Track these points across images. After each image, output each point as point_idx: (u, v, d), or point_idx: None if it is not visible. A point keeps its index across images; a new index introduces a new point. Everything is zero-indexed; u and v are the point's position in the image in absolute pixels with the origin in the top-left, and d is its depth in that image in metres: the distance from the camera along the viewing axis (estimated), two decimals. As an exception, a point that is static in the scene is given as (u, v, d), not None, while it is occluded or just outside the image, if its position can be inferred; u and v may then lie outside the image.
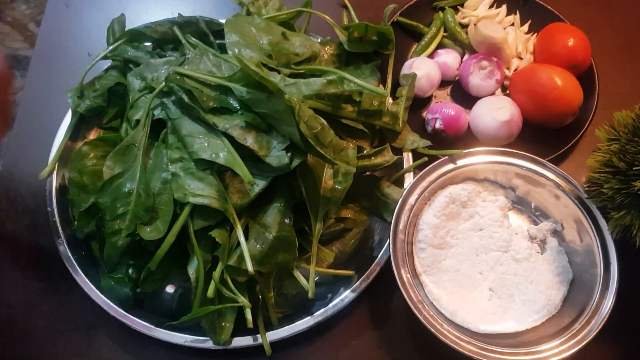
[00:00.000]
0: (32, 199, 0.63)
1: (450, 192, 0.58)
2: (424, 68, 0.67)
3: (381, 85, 0.65)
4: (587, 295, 0.53)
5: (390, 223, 0.55)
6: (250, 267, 0.50)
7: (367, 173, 0.61)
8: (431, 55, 0.72)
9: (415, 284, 0.53)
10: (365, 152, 0.60)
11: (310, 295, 0.53)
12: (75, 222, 0.57)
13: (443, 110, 0.65)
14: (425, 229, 0.57)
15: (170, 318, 0.53)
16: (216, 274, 0.51)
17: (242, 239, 0.51)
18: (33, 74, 0.73)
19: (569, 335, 0.50)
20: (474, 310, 0.55)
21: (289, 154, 0.50)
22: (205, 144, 0.52)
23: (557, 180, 0.58)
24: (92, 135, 0.63)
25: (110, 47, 0.63)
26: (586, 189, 0.55)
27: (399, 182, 0.60)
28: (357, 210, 0.60)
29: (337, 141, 0.51)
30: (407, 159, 0.61)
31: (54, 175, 0.60)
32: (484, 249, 0.58)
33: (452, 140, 0.65)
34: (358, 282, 0.55)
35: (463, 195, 0.59)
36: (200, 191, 0.50)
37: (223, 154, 0.51)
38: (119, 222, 0.52)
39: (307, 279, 0.54)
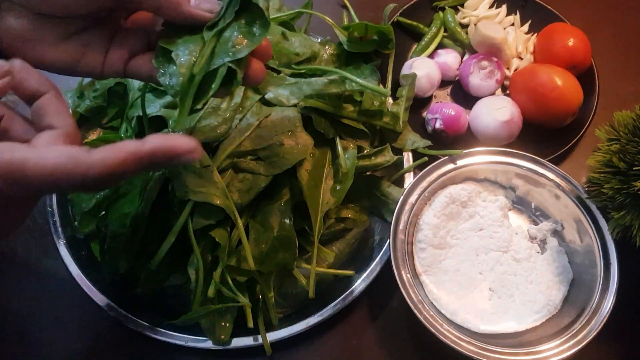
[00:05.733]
0: (32, 199, 0.63)
1: (450, 192, 0.58)
2: (424, 68, 0.67)
3: (381, 85, 0.65)
4: (587, 295, 0.53)
5: (390, 223, 0.55)
6: (251, 263, 0.50)
7: (367, 173, 0.61)
8: (431, 55, 0.72)
9: (415, 284, 0.53)
10: (365, 152, 0.60)
11: (310, 295, 0.53)
12: (76, 223, 0.57)
13: (443, 110, 0.65)
14: (425, 229, 0.57)
15: (170, 318, 0.53)
16: (216, 274, 0.51)
17: (243, 236, 0.51)
18: (33, 73, 0.72)
19: (569, 335, 0.50)
20: (474, 310, 0.55)
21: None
22: None
23: (557, 180, 0.58)
24: (92, 135, 0.63)
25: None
26: (586, 189, 0.55)
27: (399, 182, 0.60)
28: (357, 210, 0.60)
29: None
30: (407, 159, 0.61)
31: (54, 175, 0.60)
32: (484, 249, 0.58)
33: (452, 140, 0.65)
34: (358, 282, 0.55)
35: (463, 195, 0.59)
36: (202, 188, 0.50)
37: None
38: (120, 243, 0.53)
39: (308, 278, 0.54)
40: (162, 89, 0.56)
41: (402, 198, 0.56)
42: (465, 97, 0.70)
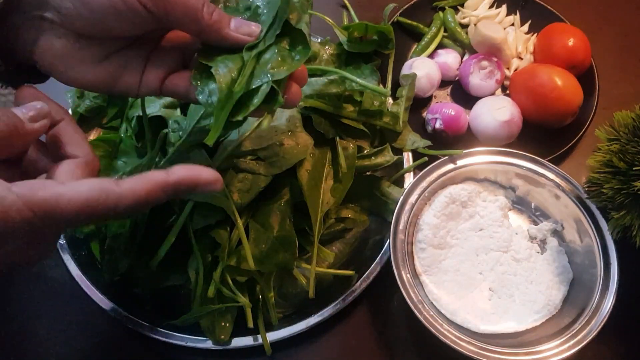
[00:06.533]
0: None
1: (450, 192, 0.58)
2: (424, 68, 0.67)
3: (381, 85, 0.65)
4: (587, 295, 0.53)
5: (390, 223, 0.55)
6: (251, 263, 0.50)
7: (367, 173, 0.61)
8: (431, 55, 0.72)
9: (415, 284, 0.53)
10: (365, 152, 0.60)
11: (310, 295, 0.53)
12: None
13: (443, 110, 0.65)
14: (425, 229, 0.57)
15: (170, 318, 0.53)
16: (216, 274, 0.51)
17: (243, 236, 0.51)
18: (33, 73, 0.72)
19: (569, 335, 0.50)
20: (474, 310, 0.55)
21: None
22: None
23: (557, 180, 0.58)
24: (92, 135, 0.63)
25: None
26: (586, 189, 0.55)
27: (399, 182, 0.60)
28: (357, 210, 0.60)
29: None
30: (407, 159, 0.61)
31: (54, 175, 0.60)
32: (484, 249, 0.58)
33: (452, 140, 0.65)
34: (358, 282, 0.55)
35: (463, 195, 0.59)
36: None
37: None
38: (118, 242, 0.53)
39: (308, 279, 0.54)
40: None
41: (402, 198, 0.56)
42: (465, 97, 0.70)
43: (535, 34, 0.72)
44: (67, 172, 0.34)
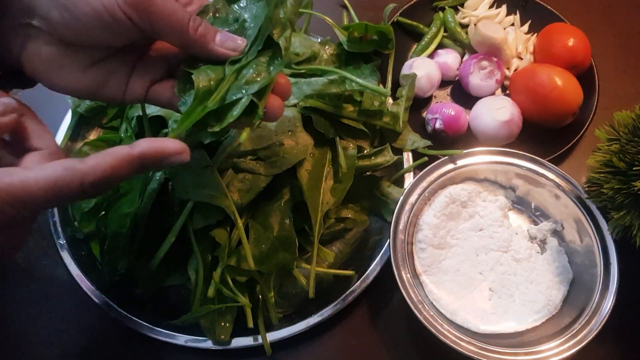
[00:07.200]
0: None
1: (450, 192, 0.58)
2: (424, 68, 0.67)
3: (381, 85, 0.65)
4: (587, 295, 0.53)
5: (390, 223, 0.55)
6: (251, 263, 0.50)
7: (367, 173, 0.61)
8: (431, 55, 0.72)
9: (415, 284, 0.53)
10: (365, 152, 0.60)
11: (310, 295, 0.53)
12: (76, 223, 0.57)
13: (443, 110, 0.65)
14: (425, 229, 0.57)
15: (170, 318, 0.53)
16: (216, 274, 0.51)
17: (243, 236, 0.51)
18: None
19: (569, 335, 0.50)
20: (474, 310, 0.55)
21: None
22: None
23: (557, 180, 0.58)
24: (92, 135, 0.63)
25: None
26: (586, 189, 0.55)
27: (399, 182, 0.60)
28: (357, 210, 0.60)
29: None
30: (407, 159, 0.61)
31: (54, 175, 0.60)
32: (484, 249, 0.58)
33: (452, 140, 0.65)
34: (358, 282, 0.55)
35: (463, 195, 0.59)
36: (202, 189, 0.50)
37: None
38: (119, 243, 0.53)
39: (308, 278, 0.54)
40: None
41: (402, 198, 0.56)
42: (465, 97, 0.70)
43: (535, 34, 0.72)
44: (33, 163, 0.34)
